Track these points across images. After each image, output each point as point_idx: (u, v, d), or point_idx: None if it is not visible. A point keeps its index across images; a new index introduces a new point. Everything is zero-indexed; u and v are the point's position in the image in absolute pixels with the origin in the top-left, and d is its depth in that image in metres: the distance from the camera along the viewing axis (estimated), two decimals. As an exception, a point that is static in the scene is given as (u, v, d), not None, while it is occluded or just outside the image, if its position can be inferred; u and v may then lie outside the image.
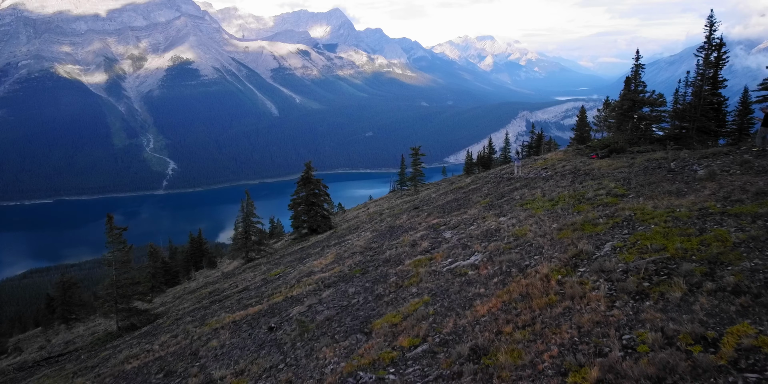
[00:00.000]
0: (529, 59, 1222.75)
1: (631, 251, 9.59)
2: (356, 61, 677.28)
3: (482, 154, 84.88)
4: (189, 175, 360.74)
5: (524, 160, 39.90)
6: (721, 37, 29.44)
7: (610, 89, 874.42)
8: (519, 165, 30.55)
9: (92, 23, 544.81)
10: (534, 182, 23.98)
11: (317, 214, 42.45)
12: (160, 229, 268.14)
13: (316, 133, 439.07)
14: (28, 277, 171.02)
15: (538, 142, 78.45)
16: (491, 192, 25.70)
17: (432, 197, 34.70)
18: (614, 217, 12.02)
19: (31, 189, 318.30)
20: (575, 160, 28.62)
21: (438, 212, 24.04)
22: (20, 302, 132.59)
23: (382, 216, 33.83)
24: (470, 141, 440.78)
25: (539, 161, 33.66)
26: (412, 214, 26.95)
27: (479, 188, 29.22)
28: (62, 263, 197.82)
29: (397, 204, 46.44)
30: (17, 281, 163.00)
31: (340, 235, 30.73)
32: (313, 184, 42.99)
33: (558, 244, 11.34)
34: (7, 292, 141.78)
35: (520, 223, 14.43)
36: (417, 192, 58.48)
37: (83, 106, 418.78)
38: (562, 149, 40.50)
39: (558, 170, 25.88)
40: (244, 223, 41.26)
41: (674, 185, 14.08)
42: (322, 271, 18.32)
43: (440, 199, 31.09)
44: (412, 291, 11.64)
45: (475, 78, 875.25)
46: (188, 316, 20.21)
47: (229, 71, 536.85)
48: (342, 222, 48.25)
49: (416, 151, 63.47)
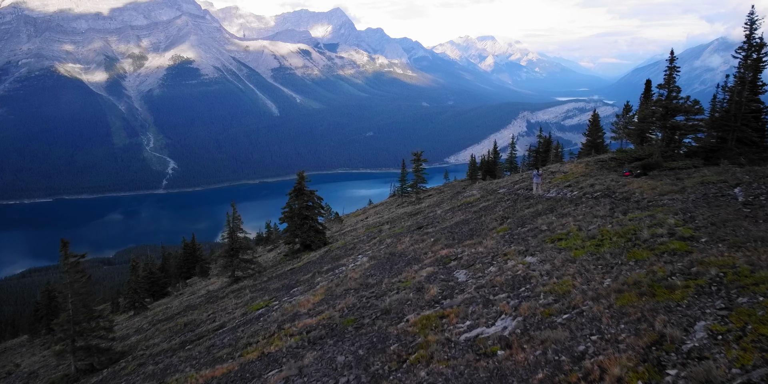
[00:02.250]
0: (529, 59, 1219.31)
1: (745, 346, 6.51)
2: (357, 61, 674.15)
3: (487, 159, 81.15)
4: (189, 174, 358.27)
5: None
6: (761, 37, 26.22)
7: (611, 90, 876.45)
8: (538, 182, 26.69)
9: (93, 22, 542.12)
10: (560, 206, 20.54)
11: (311, 229, 38.39)
12: (159, 229, 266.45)
13: (316, 132, 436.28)
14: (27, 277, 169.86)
15: (546, 147, 74.12)
16: (508, 214, 22.23)
17: (437, 214, 31.01)
18: (695, 276, 8.83)
19: (31, 188, 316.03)
20: (603, 176, 25.20)
21: (446, 238, 20.79)
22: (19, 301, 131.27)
23: (382, 234, 30.41)
24: (471, 141, 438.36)
25: (558, 175, 29.87)
26: (415, 238, 23.55)
27: (492, 207, 25.75)
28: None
29: (398, 215, 43.03)
30: (16, 280, 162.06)
31: (335, 257, 27.29)
32: (306, 196, 39.24)
33: (622, 316, 8.25)
34: (5, 292, 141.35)
35: (557, 271, 11.33)
36: (419, 200, 54.97)
37: (83, 105, 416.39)
38: (581, 161, 35.84)
39: (586, 190, 22.45)
40: (230, 239, 36.68)
41: (761, 226, 11.03)
42: (309, 315, 15.27)
43: (447, 218, 27.78)
44: (421, 377, 8.59)
45: (476, 78, 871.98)
46: (150, 363, 17.17)
47: (229, 70, 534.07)
48: (338, 235, 44.64)
49: (418, 156, 59.72)
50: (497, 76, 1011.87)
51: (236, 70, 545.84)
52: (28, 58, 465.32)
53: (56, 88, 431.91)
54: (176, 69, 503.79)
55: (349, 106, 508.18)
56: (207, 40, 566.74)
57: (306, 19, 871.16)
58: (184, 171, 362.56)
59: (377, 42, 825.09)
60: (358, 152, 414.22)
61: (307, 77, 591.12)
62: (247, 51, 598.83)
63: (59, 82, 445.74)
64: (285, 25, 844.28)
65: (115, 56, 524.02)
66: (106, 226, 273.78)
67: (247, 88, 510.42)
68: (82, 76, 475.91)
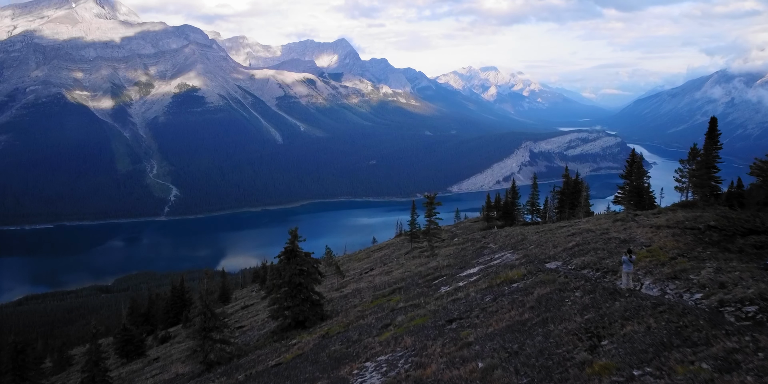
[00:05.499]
0: (532, 90, 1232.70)
1: None
2: (361, 90, 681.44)
3: (505, 200, 72.01)
4: (191, 201, 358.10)
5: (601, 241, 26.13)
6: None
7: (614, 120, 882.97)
8: (630, 271, 18.15)
9: (101, 50, 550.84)
10: (693, 326, 12.27)
11: (305, 301, 31.09)
12: (159, 256, 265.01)
13: (319, 160, 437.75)
14: (24, 304, 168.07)
15: (575, 188, 65.72)
16: (597, 328, 13.72)
17: (471, 297, 22.07)
18: None
19: (33, 213, 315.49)
20: (720, 261, 18.43)
21: (503, 367, 12.76)
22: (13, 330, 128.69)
23: (396, 319, 23.30)
24: (474, 170, 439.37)
25: (640, 250, 21.93)
26: (449, 350, 15.71)
27: (556, 303, 17.31)
28: (59, 290, 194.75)
29: (411, 274, 36.97)
30: (12, 308, 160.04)
31: (334, 356, 20.04)
32: (300, 259, 31.21)
33: None
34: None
35: None
36: (433, 252, 47.62)
37: (89, 132, 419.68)
38: (658, 224, 27.15)
39: (721, 296, 14.70)
40: (201, 318, 29.22)
41: None
42: None
43: (488, 307, 19.68)
44: None
45: (479, 108, 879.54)
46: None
47: (234, 99, 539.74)
48: (338, 298, 38.32)
49: (431, 199, 51.09)
50: (500, 106, 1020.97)
51: (241, 98, 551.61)
52: (36, 84, 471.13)
53: (62, 115, 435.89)
54: (182, 97, 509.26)
55: (353, 134, 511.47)
56: (213, 68, 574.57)
57: (312, 49, 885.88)
58: (186, 198, 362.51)
59: (381, 72, 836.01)
60: (361, 180, 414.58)
61: (312, 106, 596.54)
62: (253, 79, 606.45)
63: (66, 108, 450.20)
64: (291, 55, 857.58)
65: (122, 84, 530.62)
66: (106, 253, 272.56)
67: (251, 116, 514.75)
68: (89, 103, 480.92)
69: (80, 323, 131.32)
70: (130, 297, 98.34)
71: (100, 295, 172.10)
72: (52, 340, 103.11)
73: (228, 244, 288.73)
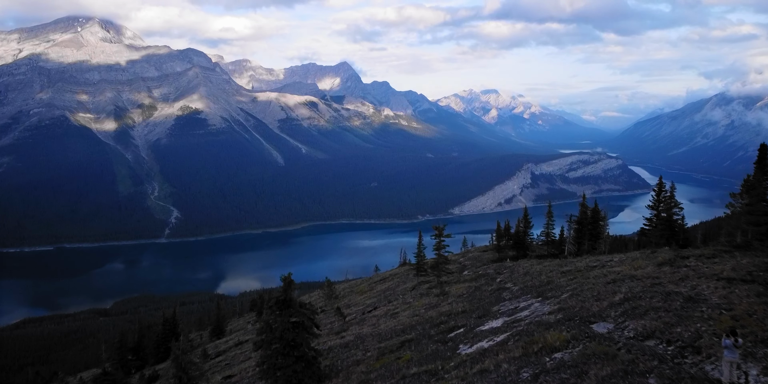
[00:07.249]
0: (532, 112, 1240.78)
1: None
2: (363, 113, 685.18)
3: (516, 229, 64.89)
4: (192, 223, 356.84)
5: None
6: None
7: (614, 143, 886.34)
8: (734, 359, 13.07)
9: (106, 73, 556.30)
10: None
11: (300, 359, 25.09)
12: (159, 278, 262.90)
13: (321, 182, 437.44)
14: (21, 328, 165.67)
15: (594, 218, 59.14)
16: None
17: (503, 370, 16.84)
18: None
19: (33, 236, 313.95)
20: None
21: None
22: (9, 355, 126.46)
23: (407, 380, 20.14)
24: (475, 192, 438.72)
25: (720, 315, 16.86)
26: None
27: None
28: (58, 313, 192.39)
29: (421, 320, 32.45)
30: (9, 331, 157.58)
31: None
32: (293, 310, 25.51)
33: None
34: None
35: None
36: (443, 290, 42.60)
37: (91, 154, 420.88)
38: (720, 273, 22.17)
39: None
40: (176, 381, 26.87)
41: None
42: None
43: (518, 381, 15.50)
44: None
45: (480, 130, 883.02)
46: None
47: (236, 121, 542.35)
48: (337, 347, 32.58)
49: (440, 230, 45.52)
50: (501, 128, 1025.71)
51: (243, 120, 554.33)
52: (39, 107, 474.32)
53: (65, 137, 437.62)
54: (184, 119, 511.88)
55: (354, 156, 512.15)
56: (216, 91, 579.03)
57: (314, 72, 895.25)
58: (187, 220, 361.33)
59: (383, 94, 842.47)
60: (362, 202, 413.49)
61: (314, 128, 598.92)
62: (255, 102, 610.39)
63: (69, 130, 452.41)
64: (293, 78, 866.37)
65: (125, 106, 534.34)
66: (106, 275, 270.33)
67: (253, 139, 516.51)
68: (92, 125, 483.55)
69: (77, 348, 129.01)
70: (119, 330, 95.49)
71: (98, 319, 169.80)
72: (46, 366, 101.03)
73: (228, 266, 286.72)
